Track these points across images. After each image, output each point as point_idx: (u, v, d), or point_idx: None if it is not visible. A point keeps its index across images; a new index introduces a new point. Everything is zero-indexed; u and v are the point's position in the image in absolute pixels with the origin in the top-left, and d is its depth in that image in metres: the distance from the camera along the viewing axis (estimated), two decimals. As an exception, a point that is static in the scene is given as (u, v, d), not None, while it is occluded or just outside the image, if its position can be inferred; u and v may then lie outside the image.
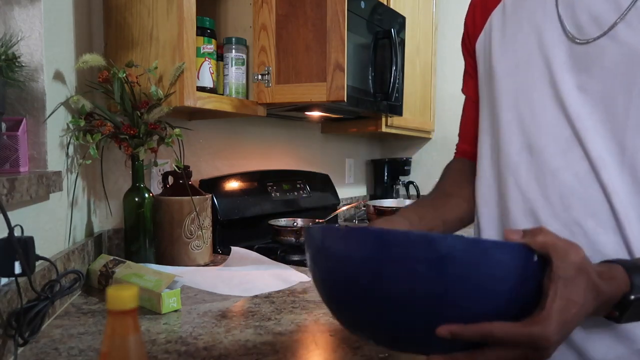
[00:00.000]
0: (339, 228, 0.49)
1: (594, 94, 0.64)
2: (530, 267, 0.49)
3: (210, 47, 1.32)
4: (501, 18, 0.76)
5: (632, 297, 0.52)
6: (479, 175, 0.80)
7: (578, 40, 0.65)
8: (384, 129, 2.06)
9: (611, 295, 0.52)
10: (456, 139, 0.96)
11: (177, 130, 1.19)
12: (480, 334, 0.46)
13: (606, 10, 0.63)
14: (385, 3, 1.93)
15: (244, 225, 1.64)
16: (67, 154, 1.06)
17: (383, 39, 1.76)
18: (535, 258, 0.48)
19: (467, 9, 0.88)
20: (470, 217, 0.86)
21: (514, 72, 0.72)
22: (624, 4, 0.61)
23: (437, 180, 0.93)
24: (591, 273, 0.50)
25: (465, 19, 0.87)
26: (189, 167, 1.34)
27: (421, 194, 2.59)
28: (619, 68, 0.61)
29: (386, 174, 2.62)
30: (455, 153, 0.96)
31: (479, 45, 0.81)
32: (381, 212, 1.94)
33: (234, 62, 1.40)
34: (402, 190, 2.66)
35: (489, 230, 0.77)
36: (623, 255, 0.63)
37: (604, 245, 0.63)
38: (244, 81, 1.43)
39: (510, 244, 0.48)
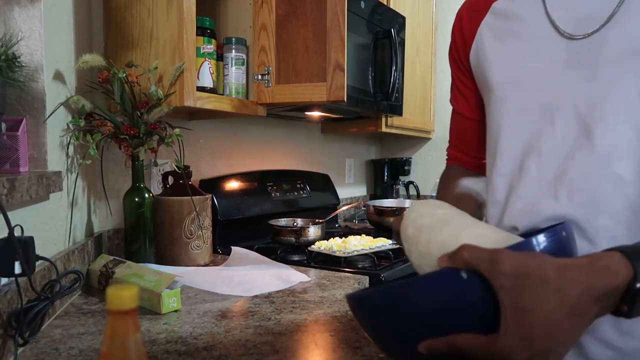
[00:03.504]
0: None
1: (602, 84, 0.64)
2: (466, 285, 0.48)
3: (210, 47, 1.32)
4: (491, 29, 0.76)
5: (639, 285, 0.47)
6: (490, 183, 0.79)
7: (577, 37, 0.66)
8: (384, 129, 2.06)
9: (609, 287, 0.47)
10: None
11: (177, 130, 1.19)
12: (447, 346, 0.48)
13: (601, 4, 0.64)
14: (385, 3, 1.93)
15: (244, 225, 1.64)
16: (67, 154, 1.06)
17: (383, 39, 1.76)
18: (465, 275, 0.48)
19: None
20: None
21: (514, 80, 0.72)
22: None
23: (437, 180, 0.94)
24: (549, 274, 0.46)
25: (453, 30, 0.86)
26: (189, 167, 1.34)
27: (421, 194, 2.60)
28: (621, 56, 0.62)
29: (386, 174, 2.62)
30: (448, 159, 0.97)
31: (473, 58, 0.80)
32: (381, 212, 1.94)
33: (234, 62, 1.40)
34: (402, 190, 2.66)
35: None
36: None
37: (622, 241, 0.61)
38: (244, 81, 1.43)
39: (433, 273, 0.50)
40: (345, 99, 1.33)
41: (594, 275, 0.47)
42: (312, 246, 1.51)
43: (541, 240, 0.51)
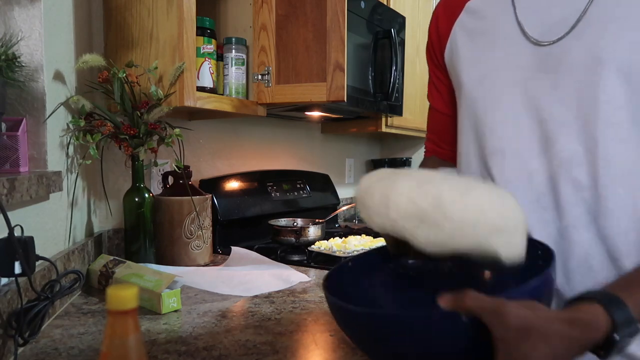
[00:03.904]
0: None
1: (565, 91, 0.65)
2: (463, 330, 0.49)
3: (210, 47, 1.32)
4: (464, 29, 0.78)
5: (618, 336, 0.51)
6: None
7: (543, 43, 0.67)
8: (384, 129, 2.06)
9: (592, 340, 0.51)
10: None
11: (177, 130, 1.19)
12: None
13: (567, 12, 0.65)
14: (385, 3, 1.93)
15: (244, 225, 1.64)
16: (67, 154, 1.06)
17: (383, 39, 1.76)
18: (464, 318, 0.49)
19: None
20: None
21: (482, 82, 0.73)
22: (582, 5, 0.63)
23: None
24: (548, 330, 0.48)
25: (429, 28, 0.88)
26: (189, 167, 1.34)
27: (421, 194, 2.59)
28: (584, 64, 0.63)
29: (386, 174, 2.62)
30: (425, 152, 1.01)
31: (447, 57, 0.82)
32: (381, 212, 1.94)
33: (234, 62, 1.40)
34: (402, 190, 2.66)
35: None
36: (599, 251, 0.63)
37: (580, 242, 0.64)
38: (244, 81, 1.43)
39: (433, 313, 0.50)
40: (345, 99, 1.33)
41: (580, 331, 0.50)
42: (312, 246, 1.51)
43: (535, 285, 0.52)
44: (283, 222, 1.66)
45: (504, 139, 0.70)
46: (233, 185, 1.65)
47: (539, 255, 0.59)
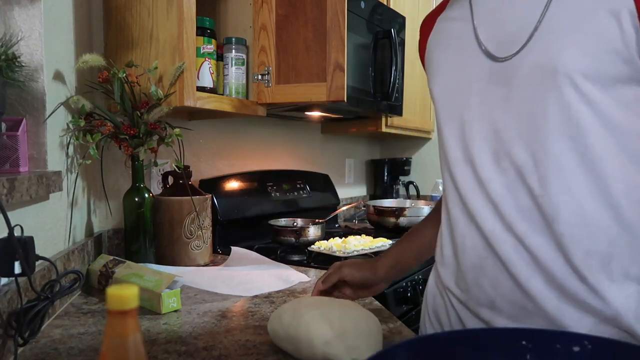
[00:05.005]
0: None
1: (517, 104, 0.69)
2: None
3: (210, 47, 1.32)
4: (436, 40, 0.82)
5: None
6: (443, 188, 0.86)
7: (498, 58, 0.71)
8: (384, 129, 2.06)
9: None
10: None
11: (177, 130, 1.19)
12: None
13: (519, 28, 0.68)
14: (385, 3, 1.93)
15: (244, 225, 1.64)
16: (67, 154, 1.06)
17: (383, 39, 1.76)
18: None
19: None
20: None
21: (447, 93, 0.78)
22: (534, 21, 0.67)
23: (437, 180, 0.96)
24: None
25: (419, 41, 0.92)
26: (189, 167, 1.34)
27: (421, 194, 2.60)
28: (534, 78, 0.66)
29: (386, 174, 2.62)
30: None
31: (426, 67, 0.86)
32: (381, 212, 1.94)
33: (234, 62, 1.40)
34: (402, 190, 2.66)
35: (445, 237, 0.81)
36: (555, 255, 0.66)
37: (536, 247, 0.67)
38: (244, 81, 1.43)
39: None
40: (345, 99, 1.33)
41: None
42: (312, 246, 1.51)
43: None
44: (283, 222, 1.66)
45: (463, 149, 0.75)
46: (233, 185, 1.65)
47: None
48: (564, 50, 0.64)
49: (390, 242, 1.57)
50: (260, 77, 1.41)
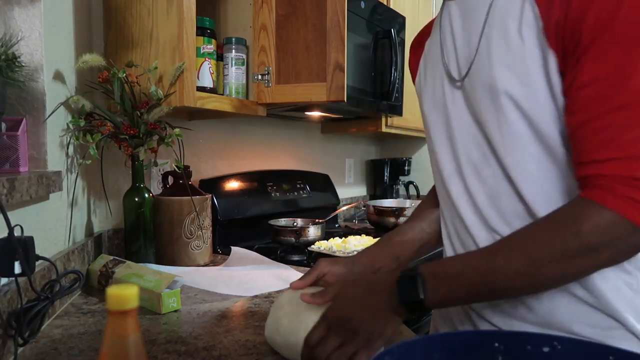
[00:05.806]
0: None
1: (477, 122, 0.74)
2: None
3: (210, 47, 1.32)
4: (423, 63, 0.88)
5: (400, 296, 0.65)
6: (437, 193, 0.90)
7: (457, 81, 0.77)
8: (384, 129, 2.05)
9: (375, 296, 0.68)
10: None
11: (177, 130, 1.19)
12: None
13: (467, 52, 0.74)
14: (385, 3, 1.93)
15: (244, 225, 1.64)
16: (67, 154, 1.06)
17: (383, 39, 1.76)
18: None
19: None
20: (434, 235, 0.94)
21: (433, 110, 0.83)
22: (475, 44, 0.72)
23: None
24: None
25: (409, 61, 0.98)
26: (189, 167, 1.34)
27: (421, 194, 2.60)
28: (485, 98, 0.70)
29: (386, 174, 2.62)
30: None
31: (417, 87, 0.91)
32: (381, 212, 1.94)
33: (234, 62, 1.40)
34: (402, 190, 2.66)
35: (447, 246, 0.86)
36: None
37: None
38: (244, 81, 1.43)
39: None
40: (345, 99, 1.33)
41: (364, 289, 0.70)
42: (312, 246, 1.51)
43: None
44: (283, 222, 1.66)
45: (448, 163, 0.80)
46: (233, 185, 1.65)
47: None
48: (498, 69, 0.68)
49: (390, 242, 1.56)
50: (260, 77, 1.41)
